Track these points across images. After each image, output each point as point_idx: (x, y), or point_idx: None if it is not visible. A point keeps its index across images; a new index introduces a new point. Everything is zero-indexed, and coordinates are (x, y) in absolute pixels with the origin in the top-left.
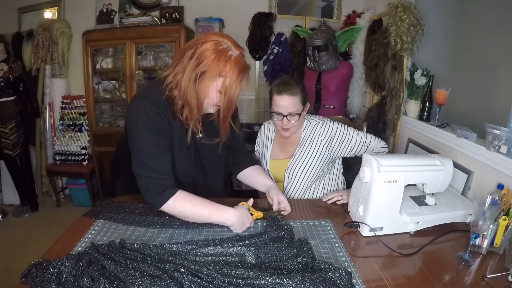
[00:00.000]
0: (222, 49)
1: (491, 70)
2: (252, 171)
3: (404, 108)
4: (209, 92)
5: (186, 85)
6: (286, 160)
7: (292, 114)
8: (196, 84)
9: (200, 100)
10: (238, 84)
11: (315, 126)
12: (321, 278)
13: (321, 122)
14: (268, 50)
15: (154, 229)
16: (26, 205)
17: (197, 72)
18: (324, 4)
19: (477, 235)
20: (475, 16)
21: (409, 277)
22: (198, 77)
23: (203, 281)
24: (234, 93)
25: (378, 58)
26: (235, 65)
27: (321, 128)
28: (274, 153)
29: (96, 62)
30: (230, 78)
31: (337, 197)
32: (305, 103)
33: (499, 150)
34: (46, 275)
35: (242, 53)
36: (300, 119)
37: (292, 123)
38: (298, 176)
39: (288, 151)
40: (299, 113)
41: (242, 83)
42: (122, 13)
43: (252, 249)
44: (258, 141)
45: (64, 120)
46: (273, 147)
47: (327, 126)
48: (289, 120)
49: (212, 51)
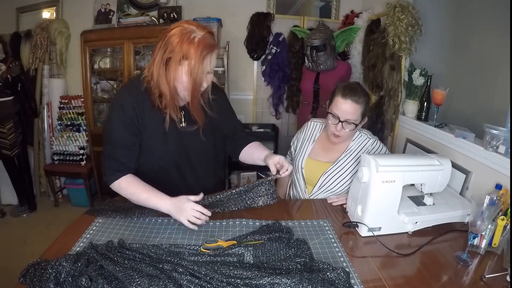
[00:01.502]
0: (186, 32)
1: (489, 70)
2: (249, 148)
3: (402, 108)
4: (178, 77)
5: (157, 73)
6: (326, 164)
7: (349, 122)
8: (165, 71)
9: (171, 86)
10: (201, 63)
11: (365, 141)
12: (319, 278)
13: (372, 139)
14: (266, 50)
15: (152, 229)
16: (24, 205)
17: (164, 59)
18: (322, 4)
19: (475, 235)
20: (473, 16)
21: (407, 277)
22: (166, 64)
23: (201, 281)
24: (198, 73)
25: (376, 58)
26: (198, 45)
27: (371, 145)
28: (314, 153)
29: (94, 62)
30: (194, 59)
31: (343, 201)
32: (364, 116)
33: (497, 150)
34: (44, 275)
35: (208, 33)
36: (354, 130)
37: (345, 131)
38: (334, 184)
39: (330, 155)
40: (356, 124)
41: (205, 61)
42: (120, 13)
43: (251, 249)
44: (299, 135)
45: (62, 120)
46: (314, 146)
47: (376, 146)
48: (343, 127)
49: (176, 36)
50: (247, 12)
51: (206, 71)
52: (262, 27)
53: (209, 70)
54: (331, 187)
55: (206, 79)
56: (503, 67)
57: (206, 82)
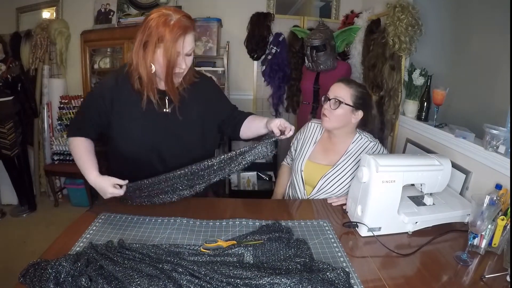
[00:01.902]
0: (163, 16)
1: (489, 70)
2: (247, 121)
3: (402, 108)
4: (155, 59)
5: (136, 56)
6: (326, 167)
7: (337, 99)
8: (143, 54)
9: (148, 68)
10: (175, 44)
11: (366, 143)
12: (319, 278)
13: (373, 142)
14: (266, 50)
15: (152, 229)
16: (24, 205)
17: (142, 42)
18: (322, 4)
19: (475, 235)
20: (473, 16)
21: (407, 277)
22: (144, 47)
23: (201, 281)
24: (172, 53)
25: (376, 58)
26: (173, 28)
27: (371, 148)
28: (314, 155)
29: (94, 62)
30: (169, 41)
31: (342, 201)
32: (357, 108)
33: (497, 150)
34: (44, 275)
35: (184, 16)
36: (343, 117)
37: (332, 113)
38: (334, 187)
39: (330, 158)
40: (344, 103)
41: (179, 41)
42: (120, 13)
43: (250, 249)
44: (299, 135)
45: (62, 120)
46: (315, 148)
47: (377, 148)
48: (332, 107)
49: (154, 20)
50: (247, 12)
51: (180, 52)
52: (262, 27)
53: (186, 52)
54: (330, 190)
55: (185, 61)
56: (503, 67)
57: (184, 64)
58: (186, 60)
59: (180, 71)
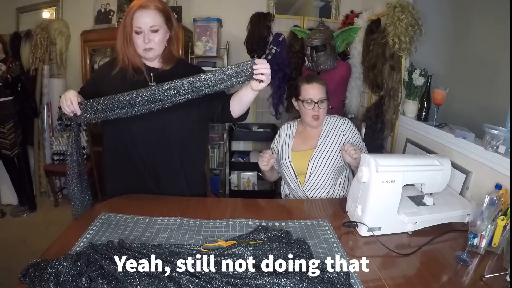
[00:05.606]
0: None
1: (489, 70)
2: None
3: (402, 108)
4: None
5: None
6: (309, 151)
7: (322, 100)
8: (119, 34)
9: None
10: (130, 18)
11: (336, 121)
12: (319, 278)
13: (341, 118)
14: (266, 50)
15: (152, 229)
16: (24, 205)
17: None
18: (322, 4)
19: (475, 235)
20: (473, 16)
21: (407, 277)
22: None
23: (201, 281)
24: (126, 25)
25: (376, 58)
26: (130, 7)
27: (343, 124)
28: (296, 146)
29: (94, 62)
30: (126, 15)
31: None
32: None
33: (497, 150)
34: (44, 275)
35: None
36: (326, 109)
37: (321, 111)
38: (322, 166)
39: (309, 143)
40: (328, 100)
41: (133, 16)
42: (120, 13)
43: (250, 249)
44: (278, 138)
45: (62, 120)
46: (294, 142)
47: (346, 122)
48: (319, 107)
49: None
50: (247, 12)
51: (134, 25)
52: (262, 27)
53: (138, 25)
54: (322, 170)
55: (148, 36)
56: (503, 67)
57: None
58: (149, 36)
59: (145, 46)
